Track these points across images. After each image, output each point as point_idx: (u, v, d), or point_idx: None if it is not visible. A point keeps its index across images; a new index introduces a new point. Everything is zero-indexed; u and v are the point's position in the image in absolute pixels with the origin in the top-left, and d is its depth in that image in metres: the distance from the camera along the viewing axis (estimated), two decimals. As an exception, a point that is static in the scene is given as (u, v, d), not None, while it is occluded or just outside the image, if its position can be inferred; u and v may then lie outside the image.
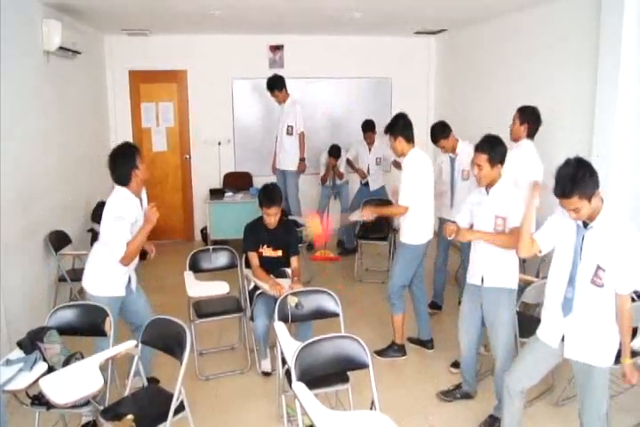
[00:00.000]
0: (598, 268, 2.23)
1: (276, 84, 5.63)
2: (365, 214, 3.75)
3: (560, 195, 2.17)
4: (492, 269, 2.91)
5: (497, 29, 5.38)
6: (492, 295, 2.92)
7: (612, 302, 2.28)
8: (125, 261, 2.90)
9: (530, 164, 3.68)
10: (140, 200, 3.04)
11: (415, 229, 3.62)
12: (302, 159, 5.81)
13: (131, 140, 6.55)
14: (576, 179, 2.12)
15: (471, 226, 3.03)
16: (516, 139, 3.80)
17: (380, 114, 6.43)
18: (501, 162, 2.84)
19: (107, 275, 3.00)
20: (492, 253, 2.88)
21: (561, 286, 2.35)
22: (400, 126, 3.57)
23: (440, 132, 4.29)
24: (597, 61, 3.76)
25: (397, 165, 5.87)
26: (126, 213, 2.89)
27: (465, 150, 4.26)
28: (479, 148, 2.87)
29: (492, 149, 2.83)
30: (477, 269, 2.98)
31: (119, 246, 2.85)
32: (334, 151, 6.13)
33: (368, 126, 5.95)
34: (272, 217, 3.63)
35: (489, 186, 2.90)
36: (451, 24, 5.99)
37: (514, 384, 2.51)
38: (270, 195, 3.62)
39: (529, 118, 3.71)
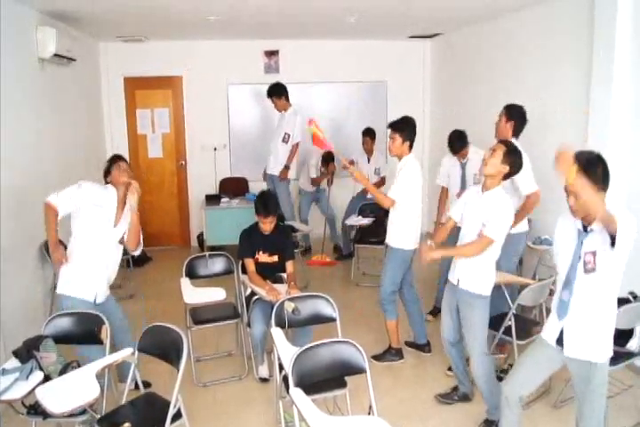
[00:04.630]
0: (586, 253, 2.22)
1: (275, 91, 5.63)
2: (358, 176, 3.72)
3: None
4: (467, 273, 2.93)
5: (491, 32, 5.42)
6: (466, 298, 2.94)
7: (608, 294, 2.27)
8: (45, 206, 2.99)
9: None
10: (122, 213, 3.13)
11: (404, 234, 3.63)
12: (287, 167, 5.75)
13: (126, 146, 6.60)
14: (592, 162, 2.16)
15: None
16: (501, 136, 3.71)
17: (376, 117, 6.45)
18: (511, 167, 2.80)
19: (74, 273, 3.03)
20: (470, 258, 2.90)
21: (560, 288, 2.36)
22: (412, 131, 3.57)
23: (460, 142, 4.26)
24: (591, 62, 3.78)
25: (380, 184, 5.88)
26: (90, 189, 3.06)
27: (477, 156, 4.26)
28: (502, 140, 2.93)
29: (512, 150, 2.81)
30: (456, 270, 3.01)
31: (54, 195, 3.01)
32: (330, 157, 6.14)
33: (369, 132, 5.94)
34: (268, 225, 3.67)
35: (486, 187, 2.89)
36: (445, 28, 6.02)
37: (512, 392, 2.50)
38: (267, 204, 3.64)
39: (516, 116, 3.65)
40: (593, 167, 2.15)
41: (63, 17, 4.57)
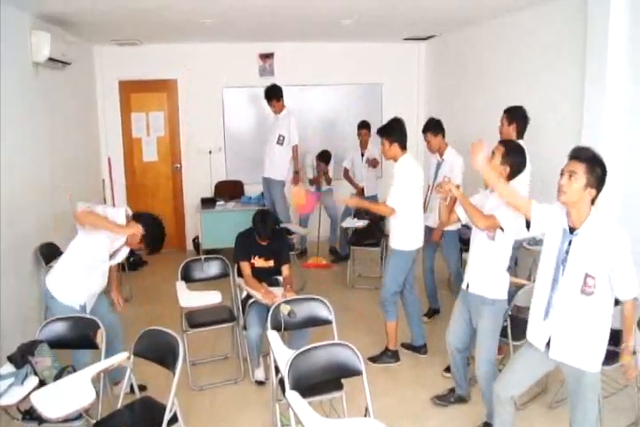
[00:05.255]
0: (587, 276, 2.23)
1: (273, 94, 5.64)
2: (351, 202, 3.76)
3: (574, 155, 2.23)
4: (477, 276, 2.91)
5: (485, 34, 5.44)
6: (476, 302, 2.92)
7: (600, 306, 2.27)
8: (76, 216, 2.88)
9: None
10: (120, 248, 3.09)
11: (405, 235, 3.64)
12: (297, 172, 5.78)
13: (121, 150, 6.59)
14: (596, 156, 2.21)
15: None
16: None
17: (372, 120, 6.43)
18: (512, 167, 2.78)
19: (68, 281, 2.99)
20: (480, 260, 2.89)
21: (545, 290, 2.36)
22: (397, 132, 3.58)
23: (432, 127, 4.31)
24: (585, 62, 3.81)
25: (373, 164, 5.91)
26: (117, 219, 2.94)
27: (451, 158, 4.27)
28: (501, 141, 2.93)
29: (511, 150, 2.79)
30: (466, 274, 3.00)
31: (83, 204, 2.91)
32: (324, 157, 6.14)
33: (363, 124, 5.98)
34: (265, 242, 3.71)
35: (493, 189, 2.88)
36: (439, 29, 6.04)
37: (504, 392, 2.51)
38: (265, 226, 3.64)
39: (517, 117, 3.71)
40: (596, 163, 2.20)
41: (57, 21, 4.57)
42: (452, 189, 2.81)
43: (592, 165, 2.19)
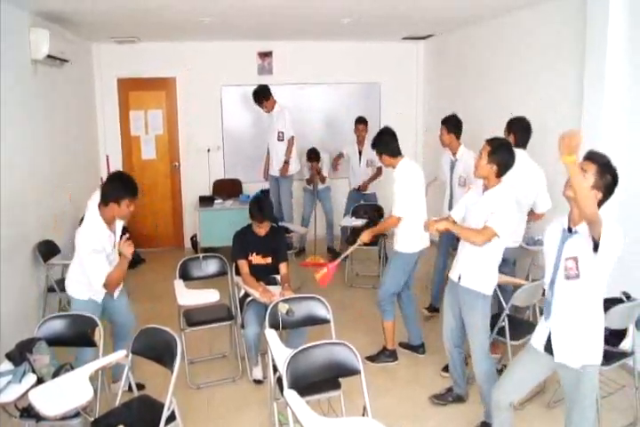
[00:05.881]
0: (566, 259, 2.22)
1: (262, 95, 5.68)
2: (364, 239, 3.74)
3: (588, 156, 2.24)
4: (469, 270, 2.93)
5: (484, 34, 5.44)
6: (467, 296, 2.94)
7: (592, 299, 2.26)
8: (107, 289, 2.96)
9: (523, 173, 3.58)
10: (114, 232, 3.06)
11: (409, 238, 3.63)
12: (286, 162, 5.80)
13: (119, 148, 6.57)
14: (610, 164, 2.23)
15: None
16: None
17: (370, 119, 6.43)
18: (498, 165, 2.80)
19: (85, 282, 3.00)
20: (474, 254, 2.90)
21: (547, 290, 2.36)
22: (383, 144, 3.62)
23: (447, 123, 4.32)
24: (584, 63, 3.81)
25: (378, 172, 5.94)
26: (101, 245, 2.94)
27: (465, 157, 4.27)
28: (487, 139, 2.92)
29: (496, 148, 2.81)
30: (458, 267, 3.01)
31: (99, 278, 2.91)
32: (313, 156, 6.12)
33: (360, 120, 5.97)
34: (263, 229, 3.70)
35: (486, 187, 2.89)
36: (438, 29, 6.04)
37: (503, 399, 2.50)
38: (262, 209, 3.64)
39: (515, 128, 3.75)
40: (607, 170, 2.20)
41: (56, 18, 4.55)
42: (439, 228, 2.88)
43: (603, 169, 2.20)
